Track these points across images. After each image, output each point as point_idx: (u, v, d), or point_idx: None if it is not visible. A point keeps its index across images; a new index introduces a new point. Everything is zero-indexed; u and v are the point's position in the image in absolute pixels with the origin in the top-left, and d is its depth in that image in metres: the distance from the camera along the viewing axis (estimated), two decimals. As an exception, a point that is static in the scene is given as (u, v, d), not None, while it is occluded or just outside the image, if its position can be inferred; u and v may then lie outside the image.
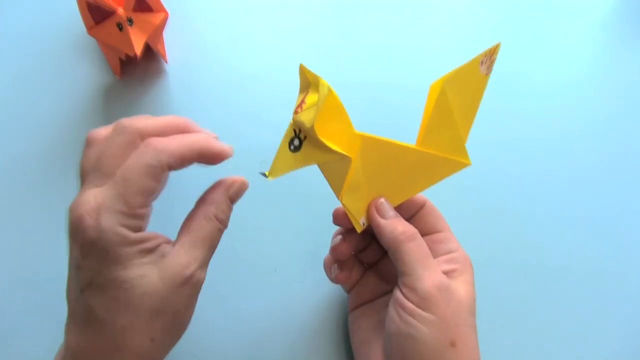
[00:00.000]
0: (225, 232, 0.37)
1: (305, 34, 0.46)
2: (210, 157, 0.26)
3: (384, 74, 0.44)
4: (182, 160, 0.25)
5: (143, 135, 0.25)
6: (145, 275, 0.23)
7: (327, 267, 0.33)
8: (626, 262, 0.38)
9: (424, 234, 0.30)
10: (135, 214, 0.23)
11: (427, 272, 0.27)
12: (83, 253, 0.23)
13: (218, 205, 0.26)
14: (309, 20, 0.47)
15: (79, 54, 0.45)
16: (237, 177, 0.28)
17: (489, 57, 0.28)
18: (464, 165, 0.29)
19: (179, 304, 0.24)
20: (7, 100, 0.43)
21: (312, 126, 0.25)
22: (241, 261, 0.37)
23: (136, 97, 0.43)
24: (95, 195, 0.23)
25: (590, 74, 0.45)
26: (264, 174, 0.27)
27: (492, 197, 0.40)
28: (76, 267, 0.24)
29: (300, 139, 0.27)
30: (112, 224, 0.22)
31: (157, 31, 0.42)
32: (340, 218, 0.31)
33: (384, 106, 0.43)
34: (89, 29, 0.40)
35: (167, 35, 0.45)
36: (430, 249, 0.29)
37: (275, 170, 0.27)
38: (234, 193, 0.27)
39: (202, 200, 0.27)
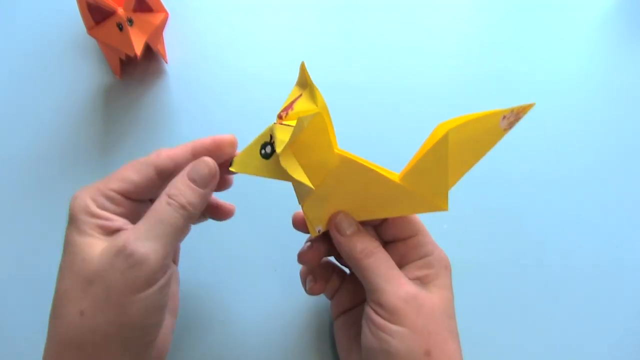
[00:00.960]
0: (225, 232, 0.38)
1: (305, 34, 0.46)
2: (206, 151, 0.27)
3: (384, 73, 0.44)
4: (172, 160, 0.26)
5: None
6: (93, 244, 0.24)
7: (302, 279, 0.32)
8: (626, 262, 0.38)
9: (397, 239, 0.29)
10: (108, 194, 0.25)
11: (391, 285, 0.26)
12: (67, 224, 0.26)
13: (172, 185, 0.26)
14: (309, 20, 0.47)
15: (79, 54, 0.45)
16: (206, 157, 0.27)
17: (515, 114, 0.25)
18: (439, 209, 0.27)
19: (111, 277, 0.23)
20: (7, 100, 0.43)
21: (279, 153, 0.24)
22: (241, 261, 0.37)
23: (136, 97, 0.43)
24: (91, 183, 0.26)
25: (590, 74, 0.45)
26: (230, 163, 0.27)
27: (492, 197, 0.40)
28: None
29: (273, 148, 0.26)
30: (84, 195, 0.25)
31: (157, 31, 0.42)
32: (299, 223, 0.30)
33: (384, 106, 0.43)
34: (89, 29, 0.40)
35: (167, 35, 0.45)
36: (405, 254, 0.29)
37: (239, 165, 0.27)
38: (194, 173, 0.26)
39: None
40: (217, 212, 0.32)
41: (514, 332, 0.35)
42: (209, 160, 0.26)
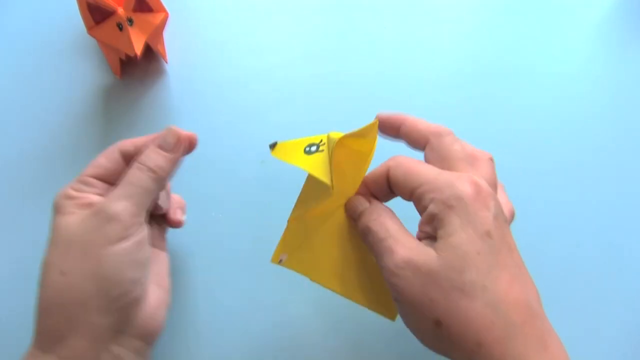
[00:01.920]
0: (224, 231, 0.38)
1: (305, 33, 0.46)
2: (166, 142, 0.29)
3: (384, 72, 0.44)
4: (134, 145, 0.30)
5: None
6: (71, 217, 0.27)
7: None
8: (625, 260, 0.38)
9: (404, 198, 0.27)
10: (83, 179, 0.28)
11: (387, 254, 0.25)
12: None
13: (141, 153, 0.29)
14: (309, 20, 0.47)
15: (79, 54, 0.45)
16: (173, 126, 0.30)
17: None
18: (389, 317, 0.28)
19: (87, 235, 0.26)
20: (7, 100, 0.43)
21: (336, 141, 0.25)
22: (241, 261, 0.37)
23: (136, 97, 0.43)
24: None
25: (590, 74, 0.45)
26: (272, 145, 0.28)
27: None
28: None
29: (317, 148, 0.27)
30: (64, 187, 0.28)
31: (157, 31, 0.42)
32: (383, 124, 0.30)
33: (383, 105, 0.43)
34: (89, 29, 0.40)
35: (167, 35, 0.45)
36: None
37: (279, 153, 0.28)
38: (161, 141, 0.29)
39: None
40: (167, 220, 0.34)
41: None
42: (175, 128, 0.29)
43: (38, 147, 0.41)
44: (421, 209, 0.25)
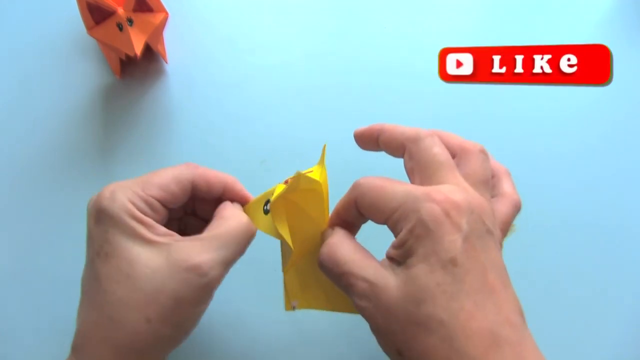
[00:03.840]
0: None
1: (306, 34, 0.46)
2: (232, 194, 0.28)
3: (384, 72, 0.44)
4: (207, 183, 0.27)
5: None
6: (152, 253, 0.24)
7: None
8: (625, 261, 0.38)
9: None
10: (148, 200, 0.25)
11: (351, 286, 0.25)
12: (96, 220, 0.25)
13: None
14: (310, 20, 0.47)
15: (79, 54, 0.45)
16: None
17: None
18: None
19: (181, 290, 0.24)
20: (7, 100, 0.43)
21: (271, 203, 0.25)
22: (240, 261, 0.37)
23: (136, 97, 0.43)
24: (117, 182, 0.26)
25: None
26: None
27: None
28: (89, 237, 0.25)
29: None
30: (124, 197, 0.25)
31: (157, 31, 0.42)
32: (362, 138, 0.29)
33: (383, 105, 0.43)
34: (89, 29, 0.40)
35: (167, 35, 0.45)
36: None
37: (248, 214, 0.28)
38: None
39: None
40: None
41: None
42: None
43: (38, 147, 0.41)
44: (395, 234, 0.24)
